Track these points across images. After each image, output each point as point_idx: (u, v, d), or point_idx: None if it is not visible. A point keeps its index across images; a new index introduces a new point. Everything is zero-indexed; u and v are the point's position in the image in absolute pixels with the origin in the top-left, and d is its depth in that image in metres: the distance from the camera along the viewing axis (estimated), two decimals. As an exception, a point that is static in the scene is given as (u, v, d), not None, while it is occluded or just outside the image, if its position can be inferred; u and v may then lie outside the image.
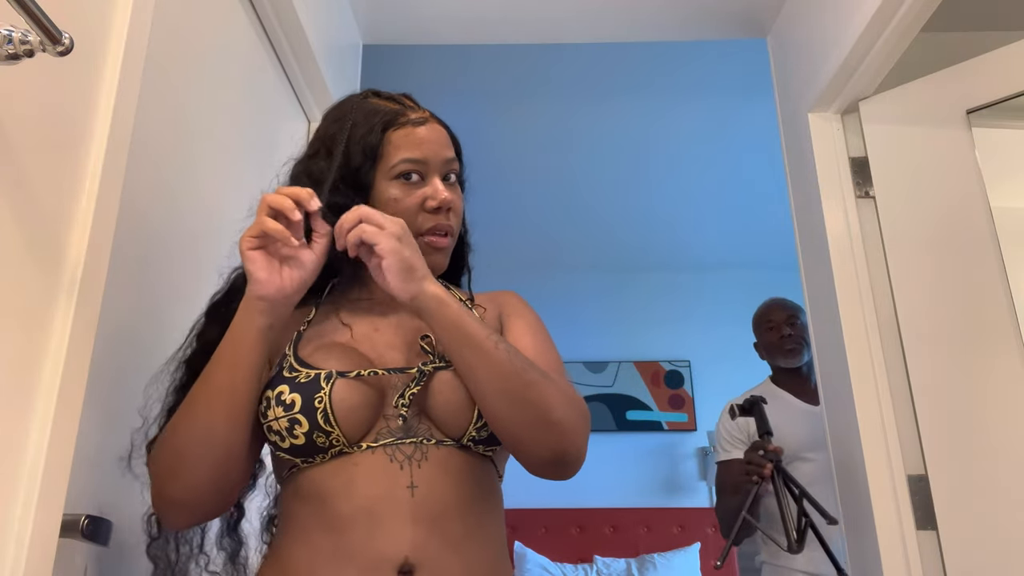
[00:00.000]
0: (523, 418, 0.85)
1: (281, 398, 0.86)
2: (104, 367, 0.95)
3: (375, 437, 0.87)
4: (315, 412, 0.85)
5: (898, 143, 1.83)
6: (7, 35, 0.67)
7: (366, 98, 1.02)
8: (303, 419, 0.85)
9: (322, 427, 0.85)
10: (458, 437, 0.89)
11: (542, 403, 0.85)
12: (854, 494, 1.75)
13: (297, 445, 0.86)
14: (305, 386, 0.86)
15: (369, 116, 0.98)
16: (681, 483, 4.61)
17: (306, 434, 0.85)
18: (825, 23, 1.91)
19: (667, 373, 4.80)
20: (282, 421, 0.86)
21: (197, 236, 1.30)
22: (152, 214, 1.13)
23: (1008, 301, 1.59)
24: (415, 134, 0.97)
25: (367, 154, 0.96)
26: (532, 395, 0.85)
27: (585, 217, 4.24)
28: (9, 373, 0.72)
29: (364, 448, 0.87)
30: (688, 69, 2.99)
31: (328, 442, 0.86)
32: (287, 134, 1.84)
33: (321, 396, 0.85)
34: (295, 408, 0.85)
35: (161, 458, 0.87)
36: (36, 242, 0.76)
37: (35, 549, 0.73)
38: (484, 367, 0.85)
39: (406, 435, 0.88)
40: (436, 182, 0.97)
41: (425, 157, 0.97)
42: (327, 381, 0.86)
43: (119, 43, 0.90)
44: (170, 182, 1.19)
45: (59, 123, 0.81)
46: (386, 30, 2.36)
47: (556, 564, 4.18)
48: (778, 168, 2.24)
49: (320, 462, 0.87)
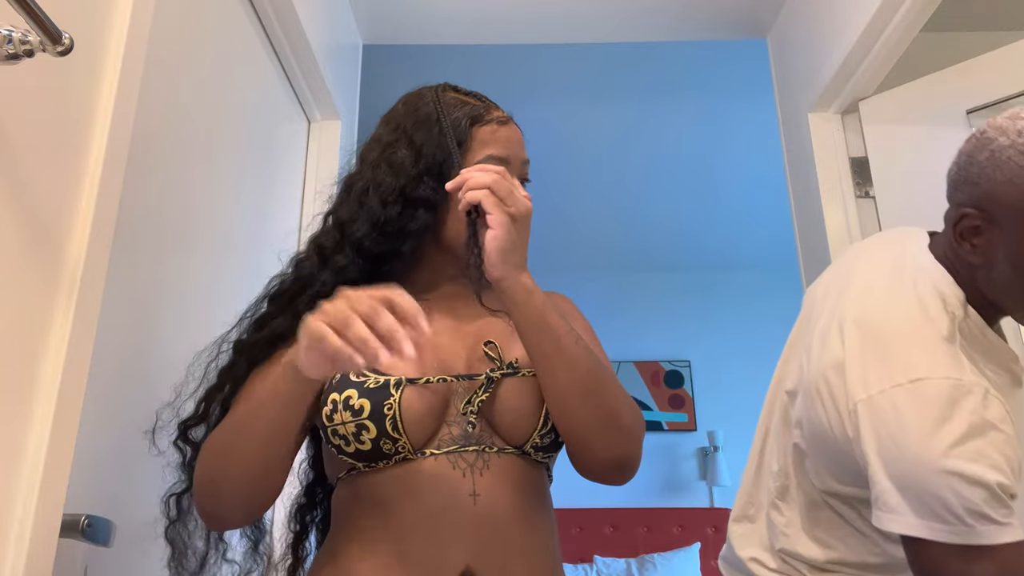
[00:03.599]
0: (595, 418, 0.85)
1: (349, 403, 0.85)
2: (104, 367, 0.95)
3: (438, 444, 0.87)
4: (384, 419, 0.84)
5: (898, 143, 1.83)
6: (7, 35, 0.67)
7: (445, 91, 1.00)
8: (371, 425, 0.84)
9: (390, 434, 0.84)
10: (520, 444, 0.89)
11: (614, 405, 0.86)
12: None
13: (363, 451, 0.85)
14: (374, 392, 0.85)
15: (454, 109, 0.96)
16: (681, 483, 4.61)
17: (373, 440, 0.84)
18: (825, 23, 1.91)
19: (667, 373, 4.80)
20: (349, 426, 0.84)
21: (197, 236, 1.30)
22: (152, 214, 1.13)
23: (1008, 301, 1.59)
24: (500, 132, 0.96)
25: (458, 140, 0.94)
26: (606, 395, 0.85)
27: (585, 217, 4.24)
28: (9, 373, 0.72)
29: (427, 455, 0.86)
30: (688, 69, 2.99)
31: (394, 448, 0.85)
32: (287, 134, 1.84)
33: (391, 403, 0.84)
34: (363, 414, 0.84)
35: (201, 483, 0.85)
36: (36, 242, 0.76)
37: (35, 549, 0.73)
38: (564, 362, 0.84)
39: (468, 442, 0.87)
40: (518, 185, 0.92)
41: (508, 156, 0.95)
42: (396, 388, 0.85)
43: (119, 43, 0.90)
44: (170, 182, 1.19)
45: (59, 123, 0.81)
46: (386, 30, 2.36)
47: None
48: (778, 168, 2.24)
49: (383, 467, 0.86)
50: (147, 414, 1.05)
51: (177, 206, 1.22)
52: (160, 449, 0.98)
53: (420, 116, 0.96)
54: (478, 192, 0.84)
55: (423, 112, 0.96)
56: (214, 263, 1.36)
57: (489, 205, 0.83)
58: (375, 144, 0.98)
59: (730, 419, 4.64)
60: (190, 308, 1.25)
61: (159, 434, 1.00)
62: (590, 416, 0.85)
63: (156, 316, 1.15)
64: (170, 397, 1.00)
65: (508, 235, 0.83)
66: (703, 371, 4.79)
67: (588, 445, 0.86)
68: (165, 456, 0.98)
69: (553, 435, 0.90)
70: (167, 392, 1.02)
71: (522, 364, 0.91)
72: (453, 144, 0.93)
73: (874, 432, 0.89)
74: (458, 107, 0.96)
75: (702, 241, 4.58)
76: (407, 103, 1.00)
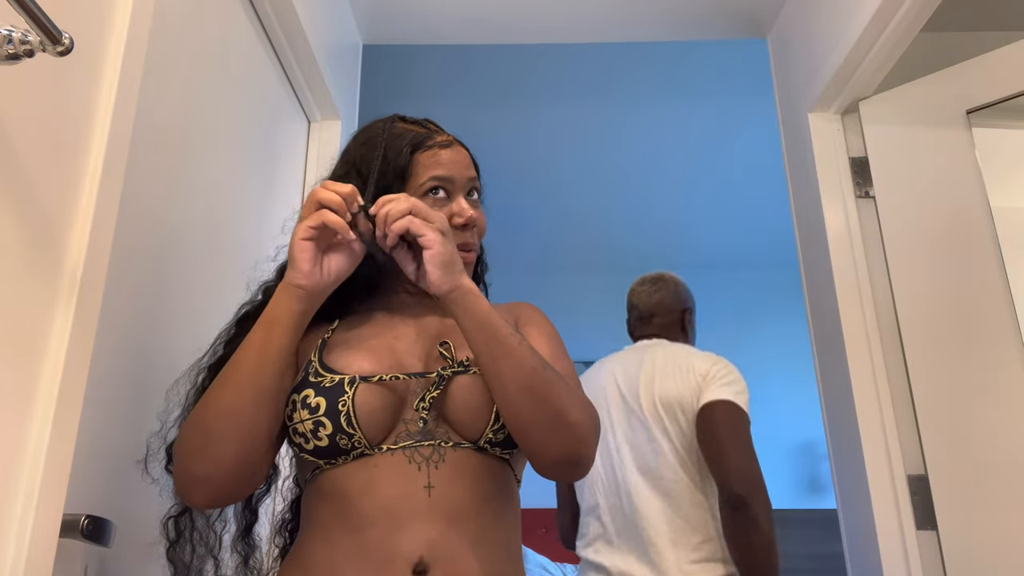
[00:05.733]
0: (541, 417, 0.88)
1: (307, 401, 0.90)
2: (104, 367, 0.95)
3: (395, 440, 0.91)
4: (339, 415, 0.88)
5: (898, 143, 1.83)
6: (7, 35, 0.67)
7: (394, 123, 1.06)
8: (327, 421, 0.88)
9: (345, 429, 0.88)
10: (475, 439, 0.92)
11: (559, 403, 0.88)
12: (854, 494, 1.75)
13: (321, 447, 0.89)
14: (329, 390, 0.90)
15: (398, 139, 1.02)
16: (681, 483, 4.60)
17: (329, 436, 0.88)
18: (825, 23, 1.91)
19: (667, 373, 4.80)
20: (307, 423, 0.89)
21: (197, 236, 1.30)
22: (152, 214, 1.13)
23: (1008, 301, 1.59)
24: (441, 155, 1.02)
25: (397, 174, 1.00)
26: (551, 394, 0.88)
27: (585, 217, 4.23)
28: (9, 373, 0.72)
29: (384, 450, 0.90)
30: (688, 69, 2.99)
31: (350, 444, 0.89)
32: (287, 134, 1.84)
33: (344, 400, 0.89)
34: (320, 411, 0.89)
35: (189, 435, 0.89)
36: (36, 242, 0.76)
37: (35, 549, 0.73)
38: (508, 362, 0.88)
39: (424, 438, 0.91)
40: (461, 200, 1.02)
41: (451, 175, 1.02)
42: (351, 385, 0.90)
43: (119, 43, 0.90)
44: (170, 182, 1.19)
45: (59, 123, 0.81)
46: (386, 30, 2.36)
47: (556, 564, 4.18)
48: (778, 168, 2.24)
49: (342, 463, 0.90)
50: (148, 414, 1.05)
51: (177, 206, 1.22)
52: (153, 477, 1.01)
53: (366, 149, 1.03)
54: (401, 221, 0.88)
55: (368, 145, 1.04)
56: (214, 262, 1.36)
57: (418, 227, 0.88)
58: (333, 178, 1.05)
59: (730, 419, 4.63)
60: (190, 307, 1.25)
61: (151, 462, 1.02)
62: (536, 415, 0.88)
63: (156, 316, 1.15)
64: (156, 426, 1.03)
65: (444, 248, 0.88)
66: (703, 371, 4.79)
67: (536, 443, 0.90)
68: (159, 483, 1.01)
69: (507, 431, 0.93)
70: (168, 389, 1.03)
71: (473, 362, 0.95)
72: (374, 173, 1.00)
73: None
74: (401, 137, 1.03)
75: (702, 241, 4.57)
76: (355, 138, 1.08)
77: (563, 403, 0.89)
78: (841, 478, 1.84)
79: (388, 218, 0.89)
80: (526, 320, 1.06)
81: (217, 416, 0.87)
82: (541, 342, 1.01)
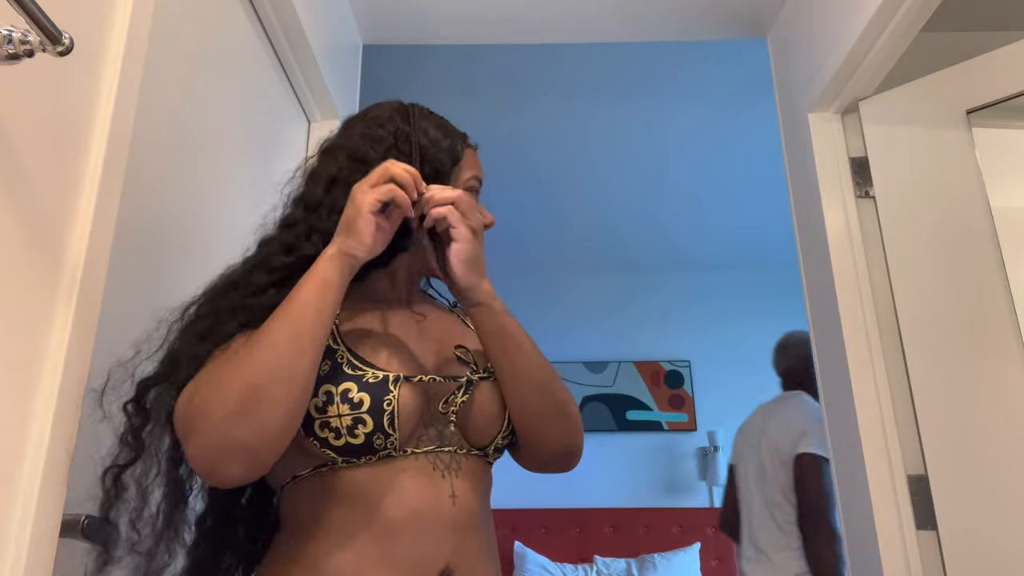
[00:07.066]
0: (549, 410, 0.95)
1: (348, 395, 0.86)
2: (104, 367, 0.95)
3: (417, 443, 0.90)
4: (383, 414, 0.86)
5: (898, 143, 1.83)
6: (7, 35, 0.67)
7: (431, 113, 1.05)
8: (369, 419, 0.85)
9: (385, 429, 0.86)
10: (485, 446, 0.94)
11: (564, 397, 0.97)
12: (854, 494, 1.75)
13: (354, 444, 0.85)
14: (374, 387, 0.87)
15: (452, 132, 1.03)
16: (681, 483, 4.61)
17: (368, 434, 0.85)
18: (825, 23, 1.91)
19: (667, 373, 4.80)
20: (345, 419, 0.85)
21: (197, 236, 1.30)
22: (152, 214, 1.13)
23: (1008, 301, 1.59)
24: (473, 157, 1.06)
25: (453, 161, 1.01)
26: (557, 390, 0.96)
27: (585, 217, 4.23)
28: (9, 373, 0.72)
29: (408, 453, 0.89)
30: (688, 69, 2.99)
31: (384, 444, 0.87)
32: (287, 134, 1.84)
33: (390, 399, 0.86)
34: (363, 407, 0.85)
35: (229, 395, 0.78)
36: (36, 242, 0.76)
37: (35, 549, 0.73)
38: (524, 362, 0.93)
39: (443, 443, 0.91)
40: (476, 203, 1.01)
41: (480, 178, 1.06)
42: (395, 384, 0.88)
43: (119, 43, 0.90)
44: (170, 182, 1.19)
45: (59, 123, 0.81)
46: (386, 30, 2.36)
47: (556, 564, 4.18)
48: (778, 168, 2.24)
49: (363, 463, 0.87)
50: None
51: (177, 206, 1.22)
52: (106, 413, 0.88)
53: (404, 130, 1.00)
54: (443, 208, 0.89)
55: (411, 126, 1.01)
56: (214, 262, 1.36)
57: (454, 220, 0.89)
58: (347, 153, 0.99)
59: (730, 419, 4.62)
60: (190, 308, 1.24)
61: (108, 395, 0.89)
62: (548, 410, 0.95)
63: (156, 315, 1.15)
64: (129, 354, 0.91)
65: (471, 247, 0.90)
66: (703, 371, 4.79)
67: (545, 437, 0.96)
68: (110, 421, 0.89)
69: (511, 438, 0.97)
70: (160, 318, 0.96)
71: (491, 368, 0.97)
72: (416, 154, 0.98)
73: None
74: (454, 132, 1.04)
75: (702, 241, 4.57)
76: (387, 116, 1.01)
77: (566, 398, 0.97)
78: (841, 478, 1.84)
79: (432, 200, 0.89)
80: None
81: (272, 377, 0.78)
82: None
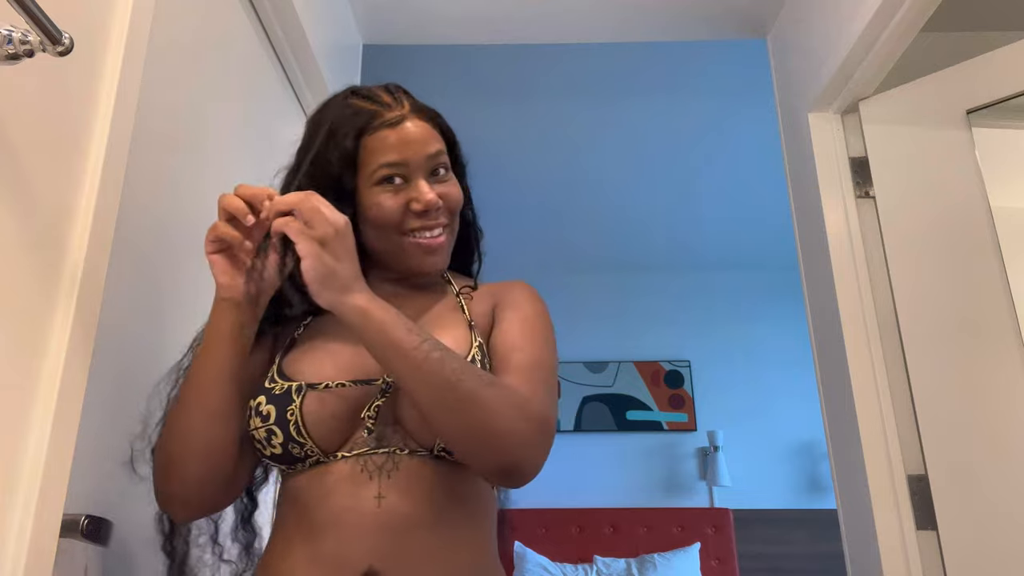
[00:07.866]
0: (460, 429, 0.82)
1: (259, 409, 0.89)
2: (104, 367, 0.95)
3: (351, 447, 0.89)
4: (287, 424, 0.87)
5: (898, 143, 1.83)
6: (7, 35, 0.67)
7: (346, 99, 0.98)
8: (278, 430, 0.88)
9: (295, 438, 0.87)
10: (429, 446, 0.89)
11: (481, 414, 0.81)
12: (854, 494, 1.75)
13: (276, 454, 0.89)
14: (279, 398, 0.89)
15: (345, 121, 0.94)
16: (681, 483, 4.61)
17: (281, 444, 0.88)
18: (825, 23, 1.91)
19: (667, 373, 4.80)
20: (260, 431, 0.88)
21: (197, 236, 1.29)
22: (152, 214, 1.13)
23: (1008, 301, 1.59)
24: (391, 137, 0.93)
25: (346, 162, 0.93)
26: (472, 406, 0.81)
27: (585, 217, 4.23)
28: (9, 373, 0.72)
29: (339, 458, 0.88)
30: (688, 69, 2.99)
31: (303, 452, 0.88)
32: (287, 134, 1.83)
33: (292, 409, 0.87)
34: (270, 419, 0.88)
35: (156, 457, 0.91)
36: (36, 242, 0.76)
37: (35, 549, 0.73)
38: (413, 378, 0.81)
39: (379, 445, 0.88)
40: (421, 184, 0.94)
41: (404, 159, 0.93)
42: (298, 394, 0.88)
43: (119, 43, 0.90)
44: (170, 182, 1.19)
45: (59, 123, 0.81)
46: (386, 30, 2.36)
47: (556, 564, 4.17)
48: (778, 168, 2.24)
49: (300, 470, 0.90)
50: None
51: (177, 205, 1.22)
52: (141, 476, 1.00)
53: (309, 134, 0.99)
54: (279, 221, 0.82)
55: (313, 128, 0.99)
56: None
57: (293, 234, 0.81)
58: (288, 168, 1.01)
59: (730, 419, 4.63)
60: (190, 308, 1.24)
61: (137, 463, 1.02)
62: (458, 429, 0.82)
63: (157, 316, 1.15)
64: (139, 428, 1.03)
65: (319, 262, 0.80)
66: (703, 371, 4.79)
67: (463, 455, 0.86)
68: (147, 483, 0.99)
69: None
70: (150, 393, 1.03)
71: None
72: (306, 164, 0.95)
73: None
74: (349, 120, 0.94)
75: (702, 241, 4.57)
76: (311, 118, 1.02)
77: (486, 414, 0.81)
78: (841, 478, 1.84)
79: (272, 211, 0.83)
80: (508, 302, 0.99)
81: (172, 437, 0.88)
82: (513, 327, 0.94)
